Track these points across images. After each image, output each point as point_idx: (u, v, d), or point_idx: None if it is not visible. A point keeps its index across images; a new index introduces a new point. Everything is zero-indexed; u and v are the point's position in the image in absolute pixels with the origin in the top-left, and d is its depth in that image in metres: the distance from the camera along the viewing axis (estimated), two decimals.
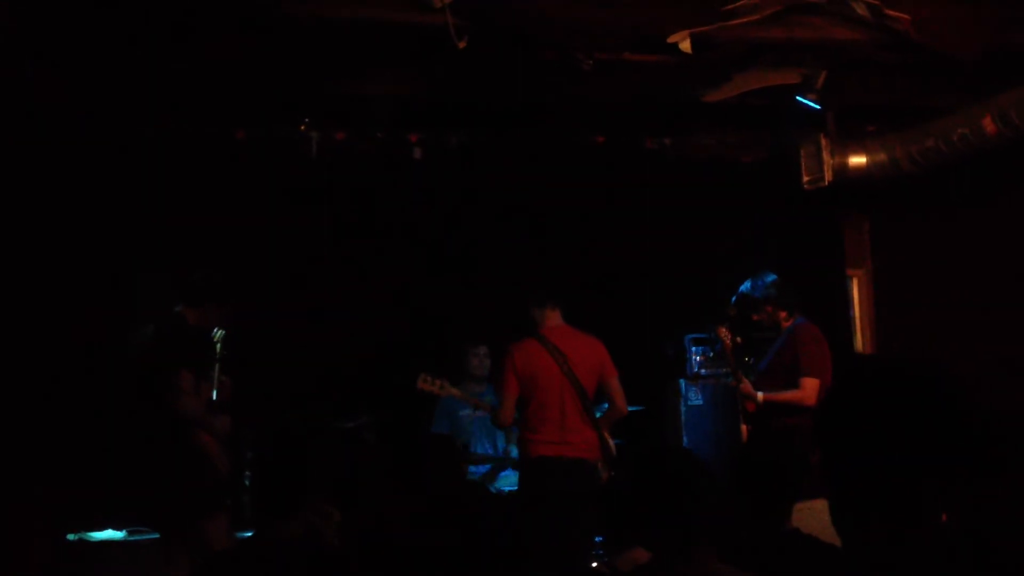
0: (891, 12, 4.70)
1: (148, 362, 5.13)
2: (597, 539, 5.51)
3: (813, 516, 3.24)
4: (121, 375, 5.52)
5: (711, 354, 6.84)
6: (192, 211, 6.48)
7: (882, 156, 6.41)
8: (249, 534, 4.15)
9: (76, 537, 5.48)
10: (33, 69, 4.86)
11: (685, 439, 6.85)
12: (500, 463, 6.60)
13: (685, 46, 4.86)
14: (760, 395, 5.74)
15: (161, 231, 6.44)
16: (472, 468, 6.57)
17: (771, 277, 5.92)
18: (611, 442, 5.71)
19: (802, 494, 3.33)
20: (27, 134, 5.67)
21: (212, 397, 5.23)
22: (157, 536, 5.35)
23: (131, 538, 5.55)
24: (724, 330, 5.98)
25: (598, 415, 5.75)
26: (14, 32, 4.44)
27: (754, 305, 5.89)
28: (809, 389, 5.61)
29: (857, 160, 6.46)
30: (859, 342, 8.02)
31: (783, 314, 5.88)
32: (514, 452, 6.56)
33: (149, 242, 6.44)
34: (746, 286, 5.95)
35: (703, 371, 6.95)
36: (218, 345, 5.30)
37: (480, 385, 6.68)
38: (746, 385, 5.82)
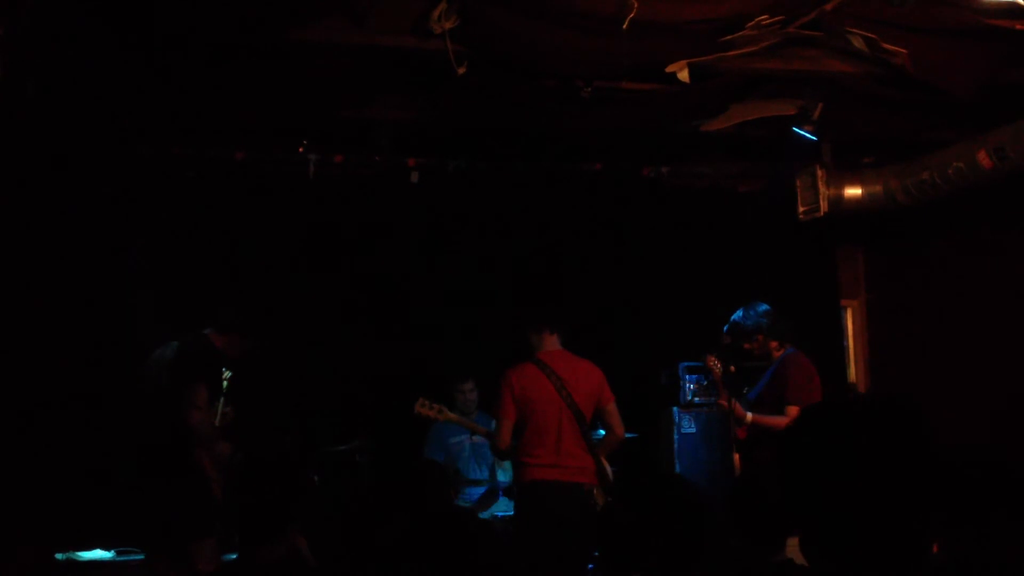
0: (888, 46, 4.74)
1: (167, 375, 5.19)
2: (590, 567, 5.49)
3: None
4: (115, 393, 5.53)
5: (705, 382, 6.84)
6: (188, 232, 6.50)
7: (877, 188, 6.44)
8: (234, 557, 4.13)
9: (64, 557, 5.46)
10: (34, 86, 4.87)
11: (678, 467, 6.83)
12: (492, 491, 6.58)
13: (683, 76, 4.89)
14: (749, 415, 5.75)
15: (156, 252, 6.46)
16: (465, 494, 6.56)
17: (763, 307, 5.94)
18: (608, 468, 5.70)
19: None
20: (24, 150, 5.68)
21: (216, 423, 5.27)
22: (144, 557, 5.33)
23: (119, 558, 5.53)
24: (713, 358, 5.99)
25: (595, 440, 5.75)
26: (15, 49, 4.46)
27: (746, 334, 5.91)
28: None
29: (853, 191, 6.49)
30: (852, 372, 8.03)
31: (774, 344, 5.89)
32: (502, 478, 6.56)
33: (147, 261, 6.45)
34: (738, 315, 5.96)
35: (696, 399, 6.95)
36: (224, 383, 5.34)
37: (474, 412, 6.68)
38: (738, 406, 5.82)
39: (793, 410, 5.63)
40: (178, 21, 4.55)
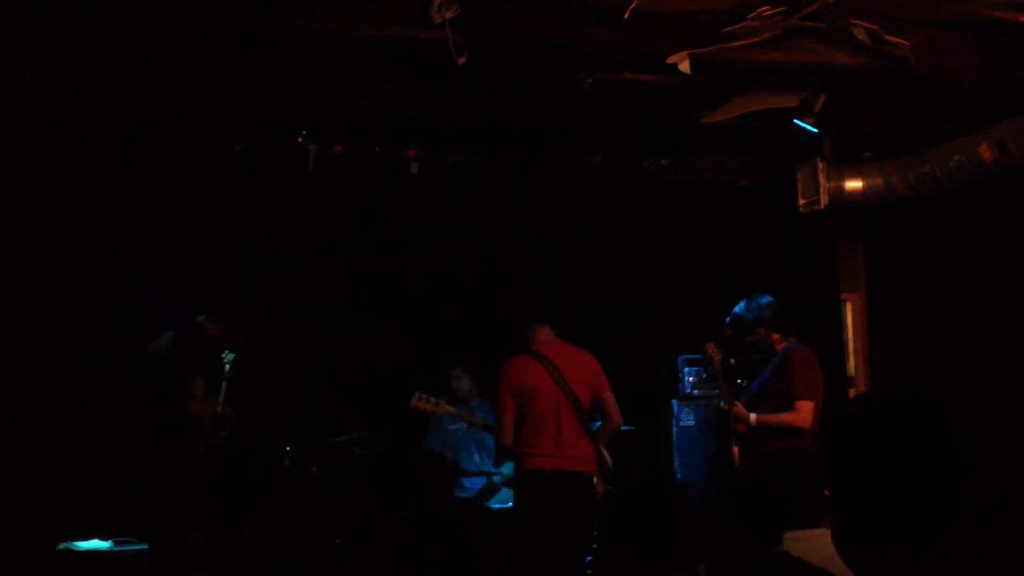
0: (890, 38, 4.72)
1: (163, 365, 5.18)
2: (588, 559, 5.49)
3: (805, 544, 3.23)
4: (114, 385, 5.52)
5: (704, 375, 6.83)
6: (188, 223, 6.49)
7: (878, 181, 6.43)
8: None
9: (63, 546, 5.45)
10: (34, 78, 4.86)
11: (677, 460, 6.83)
12: (490, 486, 6.58)
13: (684, 67, 4.88)
14: (753, 416, 5.72)
15: (158, 241, 6.45)
16: (466, 483, 6.55)
17: (765, 299, 5.91)
18: (608, 457, 5.70)
19: (796, 521, 3.32)
20: (26, 143, 5.66)
21: (217, 411, 5.25)
22: (144, 547, 5.32)
23: (117, 548, 5.52)
24: (712, 347, 5.96)
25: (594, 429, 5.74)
26: (16, 41, 4.44)
27: (747, 327, 5.88)
28: (804, 411, 5.59)
29: (853, 184, 6.48)
30: (851, 366, 8.03)
31: (776, 336, 5.86)
32: (504, 470, 6.55)
33: (146, 253, 6.44)
34: (740, 308, 5.93)
35: (696, 392, 6.94)
36: (227, 366, 5.32)
37: (473, 400, 6.66)
38: (738, 407, 5.80)
39: (802, 404, 5.60)
40: (177, 12, 4.54)
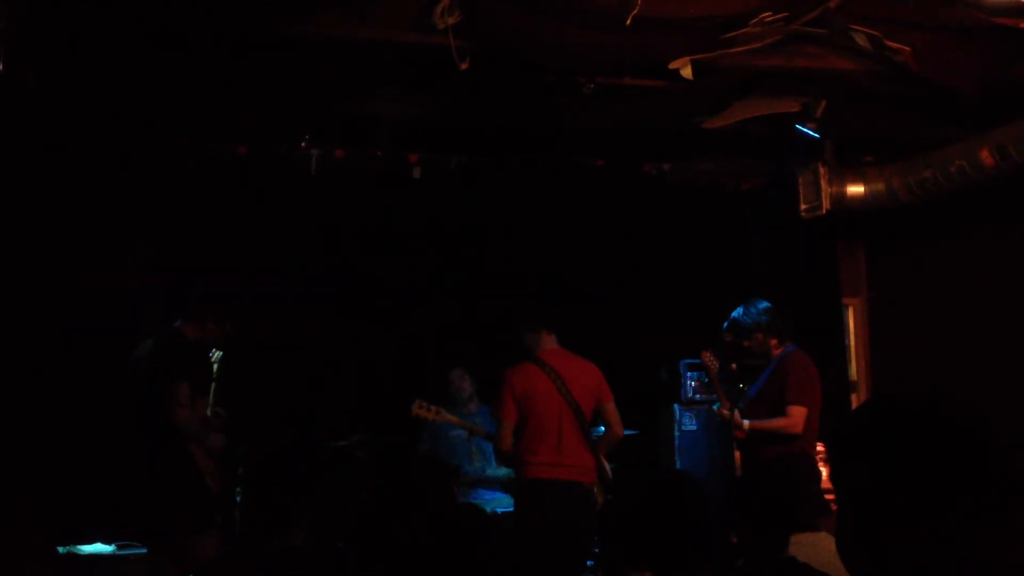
0: (892, 44, 4.73)
1: (146, 375, 5.15)
2: (588, 563, 5.49)
3: (808, 548, 3.24)
4: (115, 388, 5.52)
5: (706, 380, 6.83)
6: (190, 226, 6.50)
7: (880, 186, 6.44)
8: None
9: (65, 550, 5.46)
10: (34, 79, 4.87)
11: (678, 464, 6.84)
12: (487, 483, 6.59)
13: (686, 72, 4.89)
14: (746, 423, 5.69)
15: (158, 242, 6.46)
16: (464, 489, 6.56)
17: (763, 304, 5.90)
18: (607, 466, 5.70)
19: (799, 525, 3.33)
20: (26, 144, 5.67)
21: (207, 413, 5.24)
22: (145, 551, 5.33)
23: (120, 552, 5.53)
24: (708, 355, 5.96)
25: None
26: (16, 41, 4.45)
27: (745, 331, 5.86)
28: (796, 417, 5.56)
29: (855, 189, 6.49)
30: (853, 371, 8.02)
31: (774, 341, 5.84)
32: (497, 472, 6.56)
33: (146, 253, 6.45)
34: (737, 312, 5.93)
35: (697, 396, 6.94)
36: (215, 365, 5.30)
37: (473, 404, 6.67)
38: (735, 415, 5.78)
39: (794, 410, 5.58)
40: (179, 13, 4.55)
